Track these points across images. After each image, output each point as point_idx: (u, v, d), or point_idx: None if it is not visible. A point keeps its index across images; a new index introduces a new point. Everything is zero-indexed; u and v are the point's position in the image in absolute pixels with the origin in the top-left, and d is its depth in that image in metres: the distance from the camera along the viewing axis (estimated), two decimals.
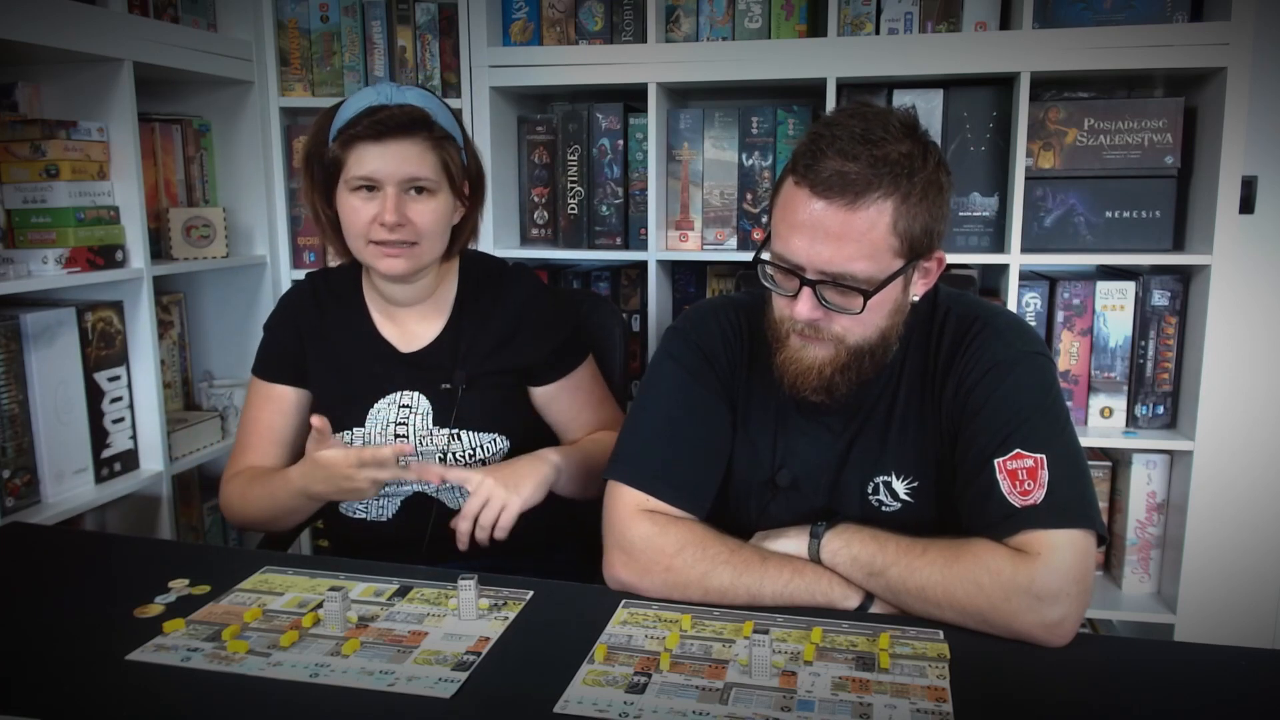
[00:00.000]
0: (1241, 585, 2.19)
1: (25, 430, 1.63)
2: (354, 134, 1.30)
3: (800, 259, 1.05)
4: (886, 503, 1.18)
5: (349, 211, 1.34)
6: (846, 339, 1.09)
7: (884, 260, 1.04)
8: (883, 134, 1.03)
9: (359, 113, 1.31)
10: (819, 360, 1.10)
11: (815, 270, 1.05)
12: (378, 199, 1.32)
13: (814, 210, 1.03)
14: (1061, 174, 1.90)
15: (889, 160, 1.02)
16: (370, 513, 1.44)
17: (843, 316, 1.07)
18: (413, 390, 1.42)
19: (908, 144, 1.04)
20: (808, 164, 1.03)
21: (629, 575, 1.12)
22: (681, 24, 2.02)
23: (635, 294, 2.15)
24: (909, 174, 1.02)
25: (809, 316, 1.07)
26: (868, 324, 1.08)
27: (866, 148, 1.01)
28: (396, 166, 1.31)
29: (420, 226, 1.33)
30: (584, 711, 0.88)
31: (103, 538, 1.64)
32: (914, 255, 1.07)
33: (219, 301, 2.20)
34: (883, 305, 1.08)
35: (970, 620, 1.02)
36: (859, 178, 1.01)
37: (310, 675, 0.94)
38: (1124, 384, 1.94)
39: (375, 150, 1.30)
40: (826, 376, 1.10)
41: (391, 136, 1.30)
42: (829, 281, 1.05)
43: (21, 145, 1.68)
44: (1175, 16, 1.83)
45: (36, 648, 1.00)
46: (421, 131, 1.32)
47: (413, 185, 1.33)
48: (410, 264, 1.35)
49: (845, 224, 1.02)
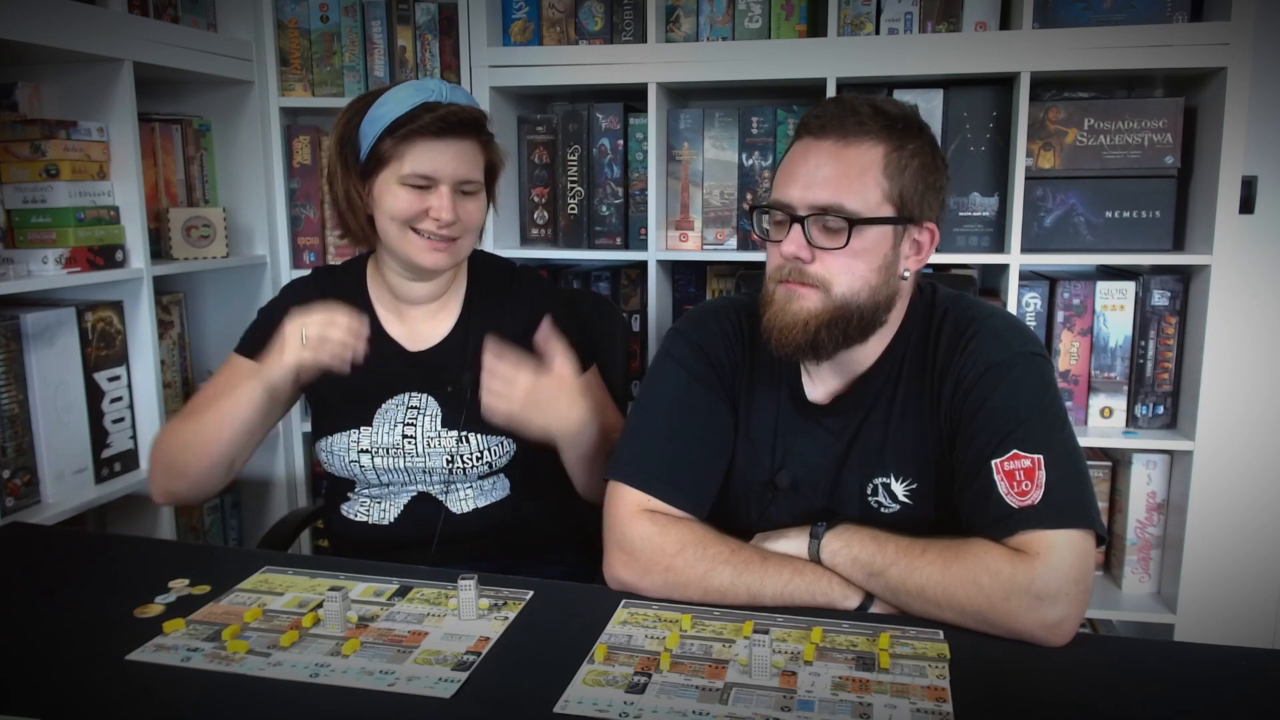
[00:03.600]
0: (1241, 585, 2.19)
1: (25, 430, 1.63)
2: (414, 129, 1.30)
3: (793, 198, 1.10)
4: (885, 504, 1.18)
5: (394, 199, 1.33)
6: (832, 286, 1.09)
7: (873, 199, 1.09)
8: (886, 103, 1.12)
9: (414, 108, 1.31)
10: (805, 313, 1.10)
11: (806, 205, 1.09)
12: (429, 195, 1.33)
13: (809, 149, 1.11)
14: (1061, 174, 1.90)
15: (886, 115, 1.10)
16: (372, 515, 1.44)
17: (829, 258, 1.09)
18: (421, 391, 1.42)
19: (907, 116, 1.12)
20: (813, 116, 1.12)
21: (629, 575, 1.13)
22: (681, 24, 2.02)
23: (635, 294, 2.16)
24: (902, 132, 1.10)
25: (796, 251, 1.09)
26: (854, 273, 1.09)
27: (866, 105, 1.11)
28: (455, 166, 1.33)
29: (467, 224, 1.37)
30: (584, 711, 0.88)
31: (103, 538, 1.64)
32: (904, 213, 1.10)
33: (219, 301, 2.20)
34: (869, 254, 1.09)
35: (970, 620, 1.02)
36: (855, 122, 1.09)
37: (310, 675, 0.94)
38: (1124, 384, 1.94)
39: (436, 148, 1.32)
40: (811, 331, 1.10)
41: (453, 135, 1.33)
42: (818, 215, 1.08)
43: (21, 145, 1.68)
44: (1175, 16, 1.83)
45: (36, 648, 1.00)
46: (478, 133, 1.36)
47: (464, 185, 1.35)
48: (452, 258, 1.38)
49: (837, 157, 1.09)
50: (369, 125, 1.34)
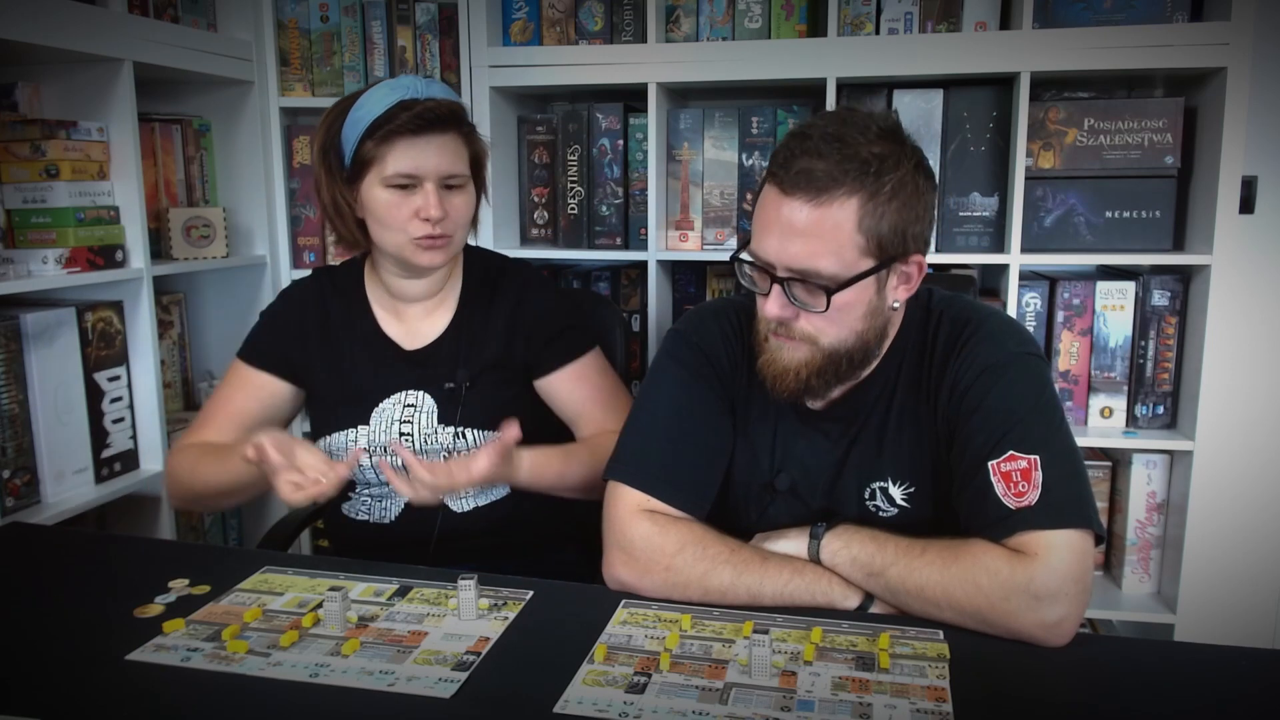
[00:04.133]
0: (1241, 585, 2.19)
1: (25, 430, 1.63)
2: (393, 129, 1.29)
3: (770, 256, 1.07)
4: (883, 508, 1.18)
5: (385, 207, 1.33)
6: (819, 340, 1.09)
7: (850, 258, 1.05)
8: (857, 136, 1.04)
9: (391, 107, 1.30)
10: (795, 362, 1.10)
11: (784, 267, 1.06)
12: (415, 194, 1.32)
13: (782, 208, 1.04)
14: (1061, 174, 1.90)
15: (858, 159, 1.02)
16: (373, 514, 1.44)
17: (813, 316, 1.08)
18: (418, 389, 1.42)
19: (881, 146, 1.04)
20: (780, 164, 1.05)
21: (629, 575, 1.13)
22: (681, 24, 2.02)
23: (635, 294, 2.16)
24: (877, 174, 1.03)
25: (778, 314, 1.08)
26: (840, 325, 1.08)
27: (836, 146, 1.03)
28: (437, 161, 1.32)
29: (455, 219, 1.36)
30: (584, 711, 0.88)
31: (103, 538, 1.64)
32: (886, 257, 1.06)
33: (219, 301, 2.20)
34: (854, 306, 1.08)
35: (969, 620, 1.02)
36: (825, 175, 1.02)
37: (310, 675, 0.94)
38: (1124, 384, 1.94)
39: (417, 145, 1.31)
40: (803, 379, 1.10)
41: (432, 131, 1.31)
42: (797, 279, 1.06)
43: (21, 145, 1.68)
44: (1175, 16, 1.83)
45: (36, 648, 1.00)
46: (458, 126, 1.35)
47: (449, 180, 1.34)
48: (446, 255, 1.37)
49: (811, 220, 1.03)
50: (349, 129, 1.33)
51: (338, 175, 1.36)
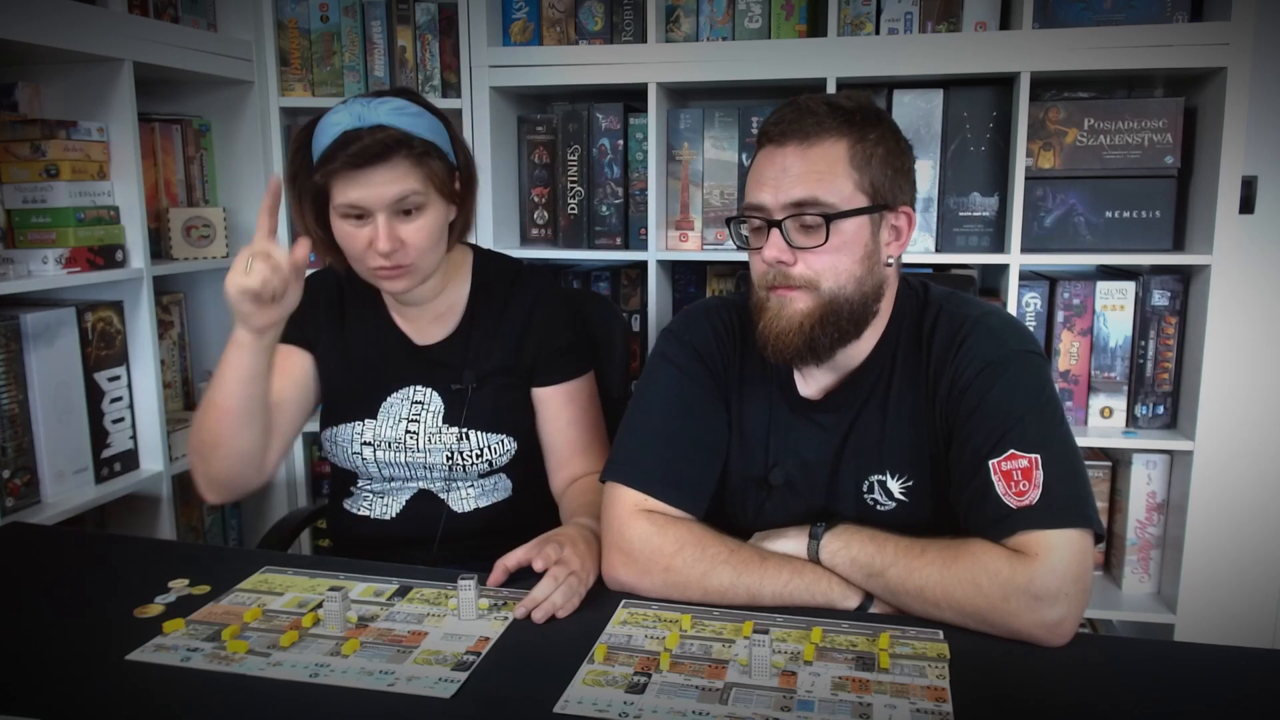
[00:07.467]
0: (1241, 585, 2.19)
1: (25, 430, 1.63)
2: (331, 169, 1.26)
3: (767, 201, 1.10)
4: (881, 502, 1.18)
5: (345, 237, 1.31)
6: (819, 284, 1.10)
7: (845, 190, 1.09)
8: (840, 101, 1.12)
9: (333, 141, 1.26)
10: (798, 314, 1.10)
11: (780, 206, 1.09)
12: (369, 223, 1.28)
13: (776, 156, 1.11)
14: (1061, 174, 1.90)
15: (842, 110, 1.11)
16: (374, 511, 1.44)
17: (811, 257, 1.09)
18: (426, 386, 1.43)
19: (864, 107, 1.12)
20: (770, 124, 1.12)
21: (628, 575, 1.13)
22: (681, 24, 2.02)
23: (635, 294, 2.16)
24: (861, 124, 1.11)
25: (776, 255, 1.09)
26: (839, 268, 1.10)
27: (823, 106, 1.11)
28: (381, 192, 1.26)
29: (413, 246, 1.30)
30: (584, 711, 0.88)
31: (103, 538, 1.64)
32: (878, 201, 1.10)
33: (219, 301, 2.18)
34: (851, 246, 1.10)
35: (969, 620, 1.02)
36: (813, 122, 1.10)
37: (310, 675, 0.94)
38: (1124, 384, 1.94)
39: (358, 180, 1.26)
40: (807, 331, 1.10)
41: (370, 165, 1.25)
42: (795, 215, 1.08)
43: (21, 145, 1.68)
44: (1175, 16, 1.83)
45: (36, 648, 1.00)
46: (400, 152, 1.26)
47: (401, 206, 1.29)
48: (410, 282, 1.33)
49: (803, 158, 1.09)
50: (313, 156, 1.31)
51: (307, 204, 1.34)
